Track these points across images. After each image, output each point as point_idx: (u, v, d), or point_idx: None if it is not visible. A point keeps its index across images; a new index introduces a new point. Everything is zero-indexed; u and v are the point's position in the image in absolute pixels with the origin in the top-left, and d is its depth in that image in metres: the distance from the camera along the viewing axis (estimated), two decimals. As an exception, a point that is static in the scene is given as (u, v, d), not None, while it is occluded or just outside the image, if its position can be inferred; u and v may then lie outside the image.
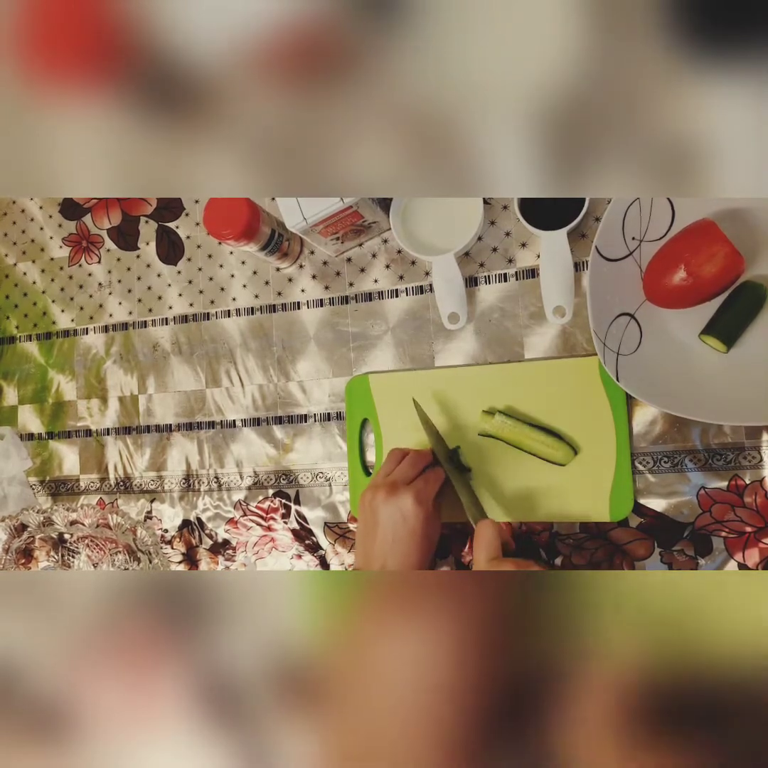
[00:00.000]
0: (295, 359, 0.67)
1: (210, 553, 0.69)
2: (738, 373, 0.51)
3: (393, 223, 0.59)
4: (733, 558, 0.53)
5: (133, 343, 0.73)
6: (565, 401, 0.56)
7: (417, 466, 0.54)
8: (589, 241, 0.57)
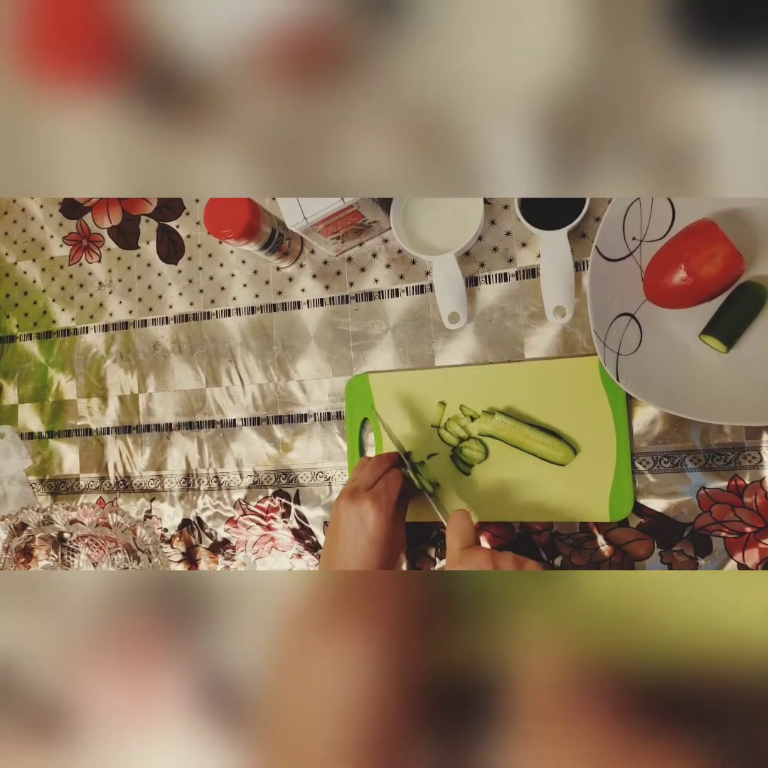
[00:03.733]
0: (295, 359, 0.67)
1: (210, 552, 0.69)
2: (738, 373, 0.51)
3: (393, 222, 0.59)
4: (732, 558, 0.53)
5: (133, 342, 0.73)
6: (565, 401, 0.56)
7: (375, 472, 0.54)
8: (589, 241, 0.57)
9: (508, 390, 0.58)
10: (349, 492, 0.52)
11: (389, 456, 0.57)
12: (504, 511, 0.58)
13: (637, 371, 0.51)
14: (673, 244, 0.50)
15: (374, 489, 0.52)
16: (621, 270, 0.52)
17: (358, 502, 0.51)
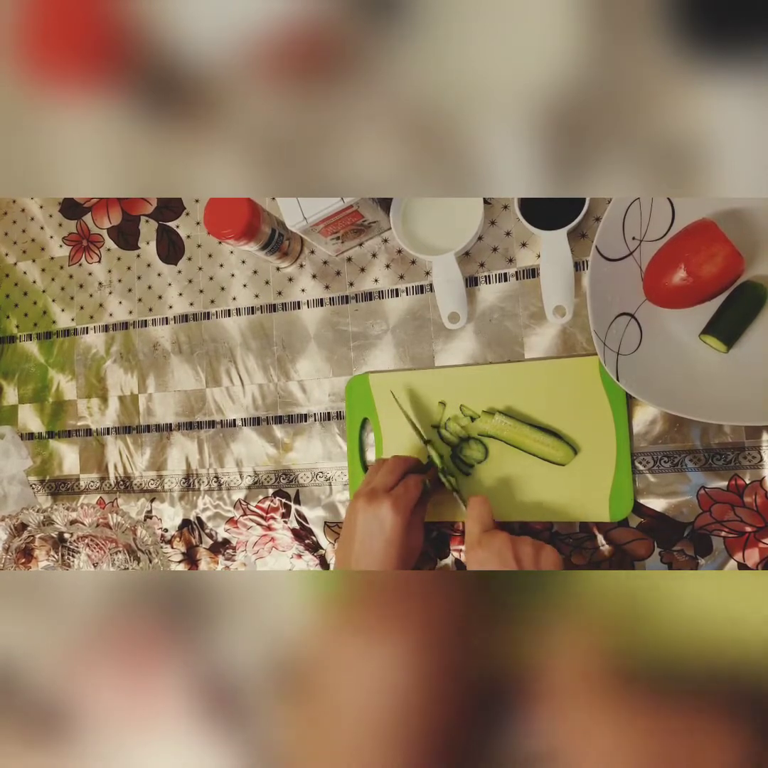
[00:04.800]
0: (295, 359, 0.67)
1: (210, 552, 0.69)
2: (738, 373, 0.51)
3: (393, 222, 0.59)
4: (733, 558, 0.53)
5: (133, 342, 0.73)
6: (565, 401, 0.56)
7: (395, 473, 0.53)
8: (589, 241, 0.57)
9: (508, 390, 0.58)
10: (368, 493, 0.51)
11: (407, 459, 0.56)
12: (504, 511, 0.58)
13: (637, 371, 0.51)
14: (673, 244, 0.50)
15: (394, 492, 0.51)
16: (621, 270, 0.52)
17: (377, 503, 0.50)
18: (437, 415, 0.60)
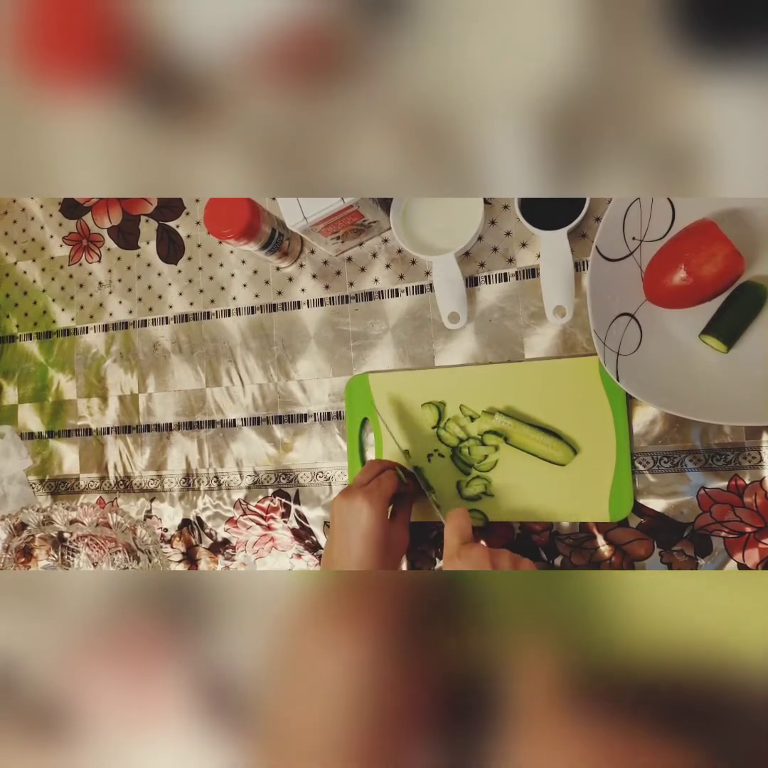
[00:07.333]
0: (295, 359, 0.67)
1: (210, 552, 0.69)
2: (738, 373, 0.51)
3: (393, 222, 0.59)
4: (732, 558, 0.53)
5: (133, 342, 0.73)
6: (565, 401, 0.56)
7: (370, 472, 0.55)
8: (589, 241, 0.57)
9: (508, 390, 0.58)
10: (345, 490, 0.53)
11: (383, 461, 0.58)
12: (504, 511, 0.58)
13: (637, 371, 0.51)
14: (673, 244, 0.50)
15: (367, 486, 0.53)
16: (621, 270, 0.52)
17: (351, 497, 0.52)
18: (431, 417, 0.60)
